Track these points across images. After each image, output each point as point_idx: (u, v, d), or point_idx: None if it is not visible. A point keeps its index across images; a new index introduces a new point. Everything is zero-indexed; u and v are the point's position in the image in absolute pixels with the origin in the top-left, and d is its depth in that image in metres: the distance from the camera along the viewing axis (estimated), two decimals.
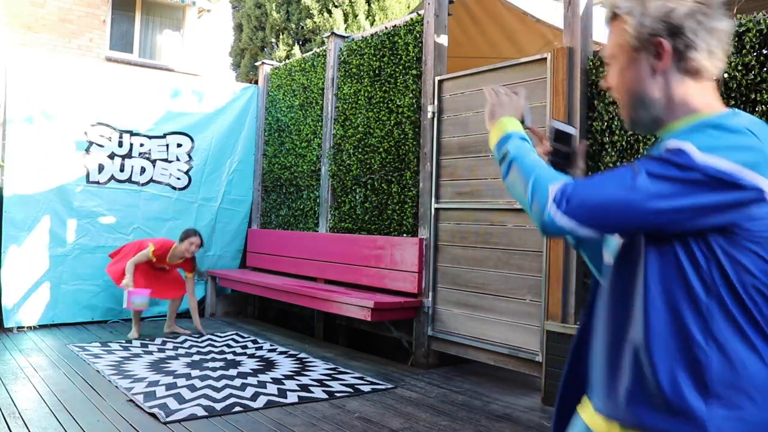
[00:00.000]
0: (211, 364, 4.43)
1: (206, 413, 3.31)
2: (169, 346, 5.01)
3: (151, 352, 4.74)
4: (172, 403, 3.43)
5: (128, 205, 6.15)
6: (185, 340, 5.26)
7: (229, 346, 5.11)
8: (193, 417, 3.24)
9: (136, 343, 5.09)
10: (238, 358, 4.66)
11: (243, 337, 5.52)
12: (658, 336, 0.96)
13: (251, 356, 4.75)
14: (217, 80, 8.07)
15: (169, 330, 5.57)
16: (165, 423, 3.14)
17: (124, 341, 5.14)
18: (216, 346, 5.08)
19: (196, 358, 4.63)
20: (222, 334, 5.59)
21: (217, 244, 6.73)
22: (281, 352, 4.92)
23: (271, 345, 5.21)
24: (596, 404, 1.09)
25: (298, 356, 4.81)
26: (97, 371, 4.11)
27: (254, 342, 5.30)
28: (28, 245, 5.57)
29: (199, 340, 5.32)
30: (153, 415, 3.26)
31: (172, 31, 12.11)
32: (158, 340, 5.21)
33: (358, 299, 4.58)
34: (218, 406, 3.42)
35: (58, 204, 5.75)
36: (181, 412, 3.28)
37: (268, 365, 4.47)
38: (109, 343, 5.00)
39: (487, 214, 4.25)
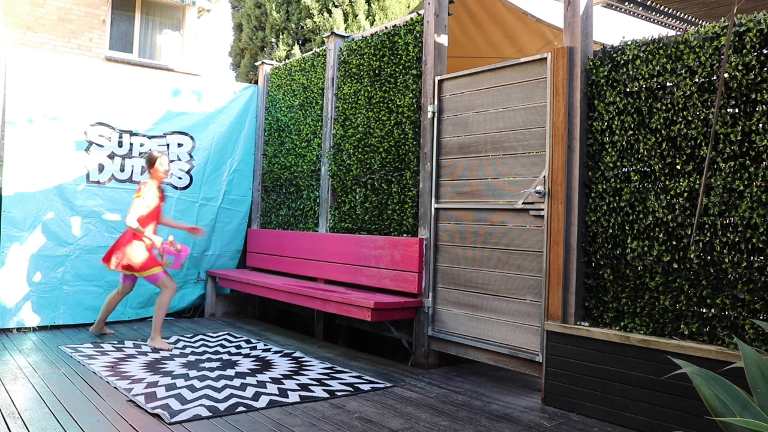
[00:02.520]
0: (207, 364, 4.42)
1: (210, 413, 3.31)
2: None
3: (145, 353, 4.74)
4: (175, 404, 3.43)
5: (129, 204, 6.12)
6: (177, 340, 5.26)
7: (223, 346, 5.11)
8: (197, 417, 3.24)
9: (129, 343, 5.07)
10: (234, 358, 4.66)
11: (236, 337, 5.52)
12: None
13: (246, 356, 4.75)
14: (217, 80, 8.07)
15: (97, 330, 5.39)
16: (170, 424, 3.14)
17: (116, 341, 5.13)
18: (210, 346, 5.07)
19: (192, 358, 4.62)
20: (217, 334, 5.58)
21: (216, 243, 6.73)
22: (276, 352, 4.92)
23: (265, 344, 5.21)
24: None
25: (294, 355, 4.81)
26: (94, 372, 4.11)
27: (247, 342, 5.30)
28: (29, 245, 5.56)
29: (192, 339, 5.32)
30: (156, 415, 3.25)
31: (172, 30, 12.11)
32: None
33: (358, 299, 4.58)
34: (221, 406, 3.42)
35: (59, 204, 5.75)
36: (186, 413, 3.28)
37: (265, 365, 4.47)
38: (101, 344, 5.00)
39: (487, 214, 4.25)
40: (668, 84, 3.33)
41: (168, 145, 6.41)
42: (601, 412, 3.41)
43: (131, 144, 6.19)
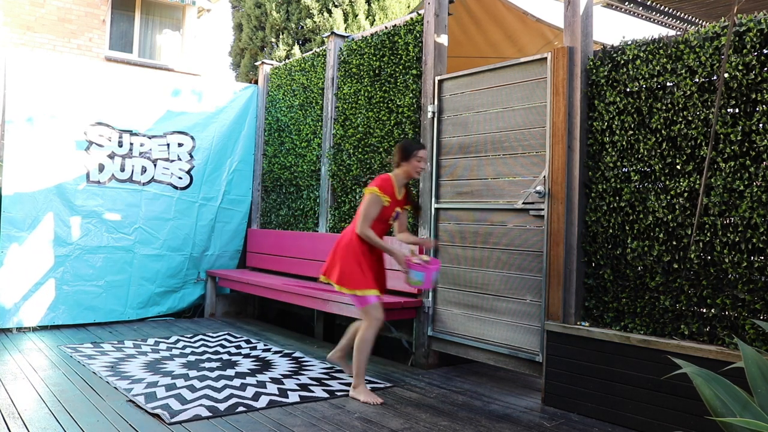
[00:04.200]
0: (207, 364, 4.42)
1: (210, 413, 3.30)
2: (163, 347, 5.00)
3: (145, 353, 4.74)
4: (175, 404, 3.43)
5: (130, 204, 6.14)
6: (177, 340, 5.25)
7: (223, 346, 5.11)
8: (197, 417, 3.24)
9: (129, 343, 5.06)
10: (234, 358, 4.65)
11: (236, 337, 5.52)
12: None
13: (246, 356, 4.75)
14: (217, 80, 8.07)
15: (334, 357, 4.14)
16: (170, 424, 3.14)
17: (116, 341, 5.13)
18: (210, 346, 5.07)
19: (192, 358, 4.62)
20: (217, 334, 5.58)
21: (215, 243, 6.73)
22: (276, 352, 4.92)
23: (265, 344, 5.21)
24: None
25: (294, 355, 4.81)
26: (94, 372, 4.11)
27: (247, 342, 5.30)
28: (29, 245, 5.56)
29: (192, 339, 5.32)
30: (156, 415, 3.25)
31: (171, 30, 12.11)
32: (150, 341, 5.20)
33: None
34: (221, 407, 3.42)
35: (59, 204, 5.74)
36: (186, 413, 3.28)
37: (265, 365, 4.47)
38: (101, 344, 5.00)
39: (487, 214, 4.25)
40: (668, 84, 3.33)
41: (168, 144, 6.41)
42: (601, 412, 3.41)
43: (131, 144, 6.19)
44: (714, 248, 3.10)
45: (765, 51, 2.97)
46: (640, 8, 6.85)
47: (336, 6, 11.29)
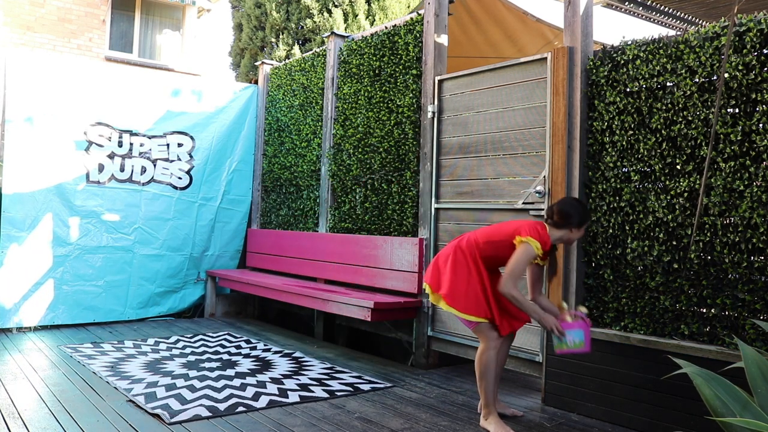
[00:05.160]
0: (207, 364, 4.42)
1: (210, 413, 3.30)
2: (163, 347, 5.00)
3: (145, 353, 4.73)
4: (174, 404, 3.43)
5: (129, 204, 6.14)
6: (177, 340, 5.26)
7: (223, 346, 5.11)
8: (197, 417, 3.24)
9: (129, 343, 5.06)
10: (234, 358, 4.65)
11: (236, 337, 5.52)
12: None
13: (246, 356, 4.75)
14: (217, 80, 8.07)
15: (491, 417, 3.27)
16: (170, 424, 3.13)
17: (116, 341, 5.13)
18: (210, 346, 5.07)
19: (192, 358, 4.62)
20: (217, 334, 5.58)
21: (215, 243, 6.73)
22: (276, 352, 4.92)
23: (265, 345, 5.21)
24: None
25: (294, 355, 4.81)
26: (94, 372, 4.10)
27: (247, 342, 5.30)
28: (29, 245, 5.56)
29: (192, 339, 5.32)
30: (156, 415, 3.25)
31: (171, 30, 12.11)
32: (150, 341, 5.20)
33: (358, 299, 4.58)
34: (221, 407, 3.42)
35: (59, 204, 5.75)
36: (186, 413, 3.28)
37: (265, 365, 4.47)
38: (101, 344, 5.00)
39: (487, 214, 4.25)
40: (668, 84, 3.33)
41: (168, 144, 6.41)
42: (601, 412, 3.41)
43: (131, 144, 6.19)
44: (714, 248, 3.10)
45: (765, 51, 2.97)
46: (640, 8, 6.85)
47: (336, 6, 11.29)
